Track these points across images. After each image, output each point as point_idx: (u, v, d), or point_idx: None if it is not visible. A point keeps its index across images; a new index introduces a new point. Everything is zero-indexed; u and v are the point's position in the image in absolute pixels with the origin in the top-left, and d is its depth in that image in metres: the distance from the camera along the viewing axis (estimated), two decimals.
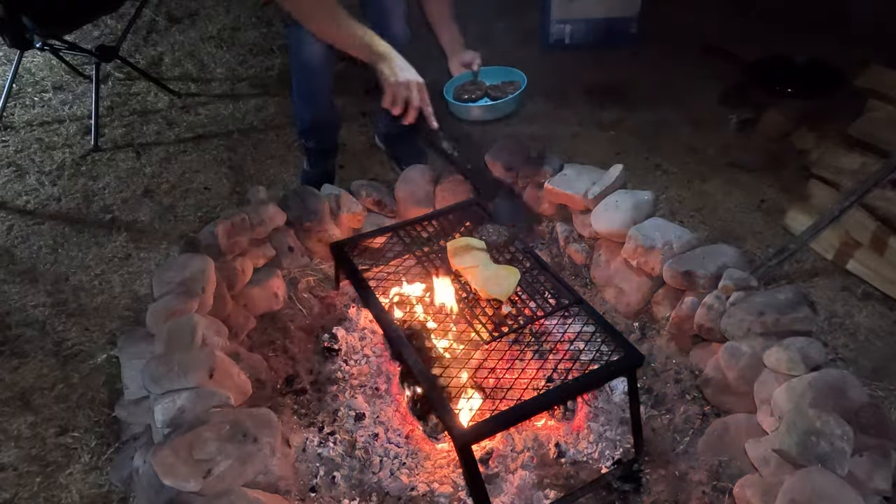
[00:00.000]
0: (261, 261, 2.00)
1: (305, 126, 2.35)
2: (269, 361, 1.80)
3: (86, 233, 2.35)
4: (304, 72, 2.17)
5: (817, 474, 1.24)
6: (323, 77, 2.19)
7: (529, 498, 1.51)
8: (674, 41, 3.38)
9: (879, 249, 2.00)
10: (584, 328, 1.61)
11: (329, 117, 2.37)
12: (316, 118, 2.31)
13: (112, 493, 1.56)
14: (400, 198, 2.25)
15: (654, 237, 1.86)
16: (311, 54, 2.06)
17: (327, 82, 2.22)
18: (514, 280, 1.66)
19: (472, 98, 2.06)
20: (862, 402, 1.39)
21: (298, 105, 2.32)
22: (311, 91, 2.24)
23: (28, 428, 1.71)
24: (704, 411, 1.69)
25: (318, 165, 2.48)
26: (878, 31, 2.82)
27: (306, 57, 2.08)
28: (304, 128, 2.36)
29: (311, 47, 2.03)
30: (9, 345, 1.93)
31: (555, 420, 1.67)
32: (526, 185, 2.20)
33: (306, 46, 2.04)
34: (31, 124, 2.91)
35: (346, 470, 1.57)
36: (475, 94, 2.07)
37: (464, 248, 1.74)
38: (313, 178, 2.42)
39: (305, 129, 2.36)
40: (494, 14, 3.54)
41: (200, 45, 3.52)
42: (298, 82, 2.24)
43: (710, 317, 1.71)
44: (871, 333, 1.92)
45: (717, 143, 2.75)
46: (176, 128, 2.92)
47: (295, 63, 2.18)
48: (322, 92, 2.25)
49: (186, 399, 1.42)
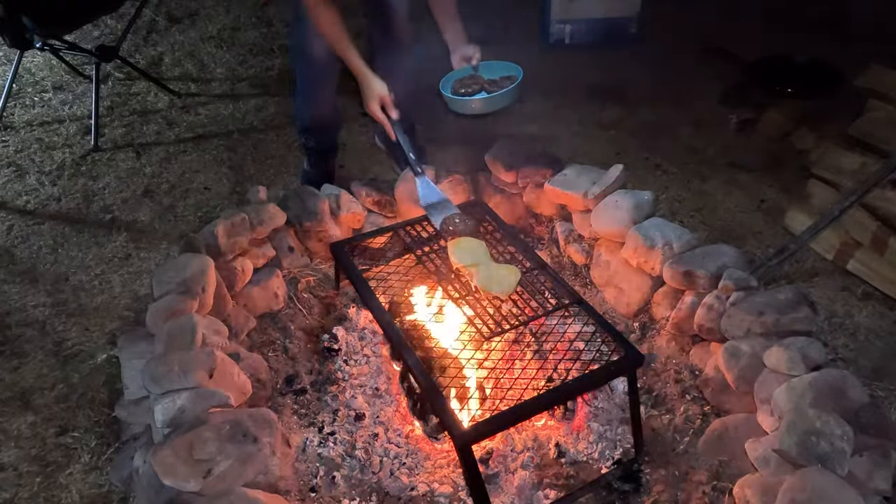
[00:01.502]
0: (261, 261, 2.00)
1: (306, 125, 2.35)
2: (269, 361, 1.80)
3: (86, 233, 2.35)
4: (309, 70, 2.17)
5: (817, 474, 1.24)
6: (327, 76, 2.18)
7: (529, 498, 1.51)
8: (674, 41, 3.38)
9: (880, 249, 2.00)
10: (584, 328, 1.61)
11: (330, 117, 2.37)
12: (317, 117, 2.31)
13: (112, 493, 1.56)
14: (400, 198, 2.25)
15: (654, 237, 1.86)
16: (317, 52, 2.06)
17: (331, 81, 2.22)
18: (515, 279, 1.66)
19: (469, 92, 2.06)
20: (862, 402, 1.39)
21: (300, 104, 2.31)
22: (314, 89, 2.24)
23: (28, 428, 1.71)
24: (704, 411, 1.69)
25: (318, 165, 2.47)
26: (878, 31, 2.83)
27: (312, 55, 2.08)
28: (305, 126, 2.35)
29: (318, 46, 2.03)
30: (9, 345, 1.93)
31: (555, 420, 1.67)
32: (526, 186, 2.20)
33: (313, 45, 2.04)
34: (31, 124, 2.91)
35: (346, 470, 1.57)
36: (472, 87, 2.07)
37: (464, 247, 1.74)
38: (313, 178, 2.42)
39: (306, 127, 2.36)
40: (494, 14, 3.54)
41: (200, 45, 3.52)
42: (302, 81, 2.24)
43: (710, 317, 1.71)
44: (871, 333, 1.92)
45: (717, 143, 2.75)
46: (176, 128, 2.92)
47: (300, 61, 2.18)
48: (325, 91, 2.24)
49: (186, 399, 1.42)
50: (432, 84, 2.07)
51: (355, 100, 2.95)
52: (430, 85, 1.99)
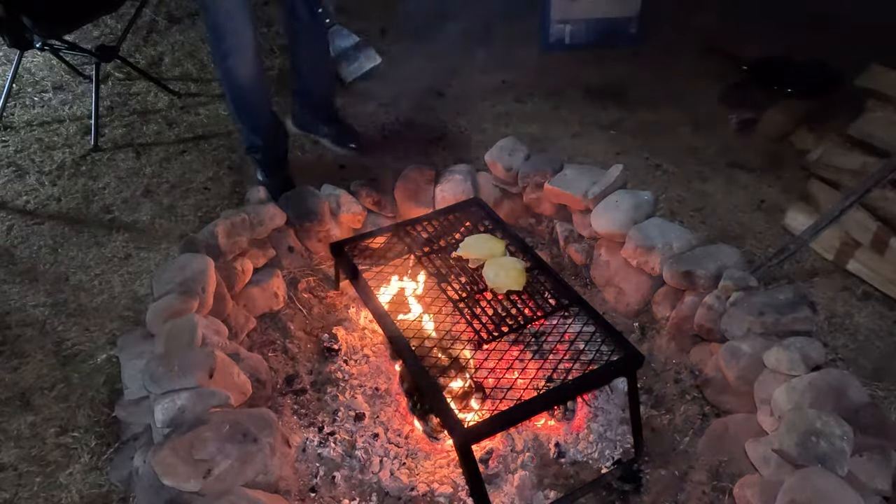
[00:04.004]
0: (261, 261, 2.00)
1: (252, 143, 2.33)
2: (269, 361, 1.80)
3: (86, 233, 2.35)
4: (241, 89, 2.17)
5: (817, 474, 1.24)
6: (260, 90, 2.21)
7: (529, 498, 1.51)
8: (674, 41, 3.38)
9: (880, 250, 2.00)
10: (584, 328, 1.61)
11: (274, 127, 2.36)
12: (261, 131, 2.31)
13: (112, 493, 1.56)
14: (400, 198, 2.25)
15: (654, 237, 1.86)
16: (245, 71, 2.10)
17: (265, 93, 2.26)
18: (522, 277, 1.67)
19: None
20: (862, 402, 1.39)
21: (242, 123, 2.30)
22: (251, 106, 2.24)
23: (28, 428, 1.71)
24: (704, 411, 1.69)
25: (274, 175, 2.41)
26: (878, 31, 2.82)
27: (241, 74, 2.11)
28: (252, 144, 2.34)
29: (244, 64, 2.08)
30: (9, 345, 1.93)
31: (555, 420, 1.67)
32: (526, 186, 2.20)
33: (239, 65, 2.08)
34: (31, 124, 2.91)
35: (346, 470, 1.57)
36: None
37: (479, 239, 1.78)
38: (274, 187, 2.27)
39: (253, 145, 2.34)
40: (494, 14, 3.54)
41: (200, 45, 3.52)
42: (237, 101, 2.22)
43: (710, 317, 1.71)
44: (871, 333, 1.92)
45: (717, 143, 2.75)
46: (176, 128, 2.92)
47: (229, 83, 2.17)
48: (263, 104, 2.26)
49: (186, 399, 1.42)
50: (432, 85, 2.08)
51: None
52: (430, 86, 2.00)
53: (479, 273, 1.73)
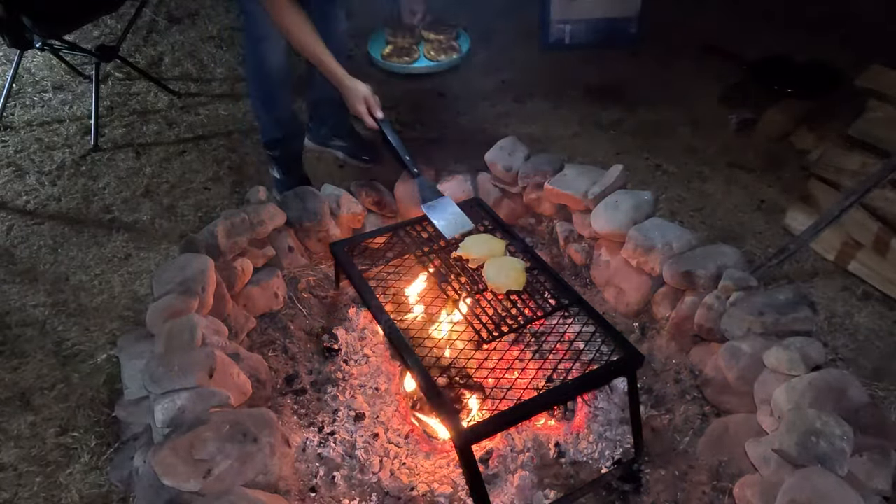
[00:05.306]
0: (261, 261, 2.00)
1: (272, 137, 2.33)
2: (269, 361, 1.81)
3: (86, 233, 2.35)
4: (267, 82, 2.17)
5: (817, 474, 1.24)
6: (284, 85, 2.20)
7: (529, 498, 1.51)
8: (674, 41, 3.38)
9: (880, 250, 2.00)
10: (584, 328, 1.61)
11: (293, 124, 2.36)
12: (282, 127, 2.30)
13: (112, 493, 1.56)
14: (400, 198, 2.25)
15: (654, 237, 1.86)
16: (273, 63, 2.09)
17: (288, 89, 2.23)
18: (522, 277, 1.67)
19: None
20: (862, 402, 1.39)
21: (262, 117, 2.30)
22: (273, 101, 2.24)
23: (28, 428, 1.71)
24: (704, 411, 1.69)
25: (291, 172, 2.41)
26: (878, 31, 2.82)
27: (269, 67, 2.10)
28: (271, 139, 2.33)
29: (273, 56, 2.07)
30: (9, 345, 1.93)
31: (555, 420, 1.67)
32: (526, 186, 2.20)
33: (267, 56, 2.07)
34: (31, 124, 2.91)
35: (346, 470, 1.57)
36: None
37: (479, 239, 1.79)
38: (290, 184, 2.31)
39: (272, 140, 2.33)
40: (494, 14, 3.54)
41: (200, 45, 3.52)
42: (260, 94, 2.23)
43: (710, 317, 1.71)
44: (871, 333, 1.92)
45: (717, 143, 2.75)
46: (176, 128, 2.92)
47: (256, 75, 2.18)
48: (285, 100, 2.25)
49: (186, 399, 1.42)
50: (435, 85, 2.08)
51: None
52: (434, 86, 1.99)
53: (479, 273, 1.73)
